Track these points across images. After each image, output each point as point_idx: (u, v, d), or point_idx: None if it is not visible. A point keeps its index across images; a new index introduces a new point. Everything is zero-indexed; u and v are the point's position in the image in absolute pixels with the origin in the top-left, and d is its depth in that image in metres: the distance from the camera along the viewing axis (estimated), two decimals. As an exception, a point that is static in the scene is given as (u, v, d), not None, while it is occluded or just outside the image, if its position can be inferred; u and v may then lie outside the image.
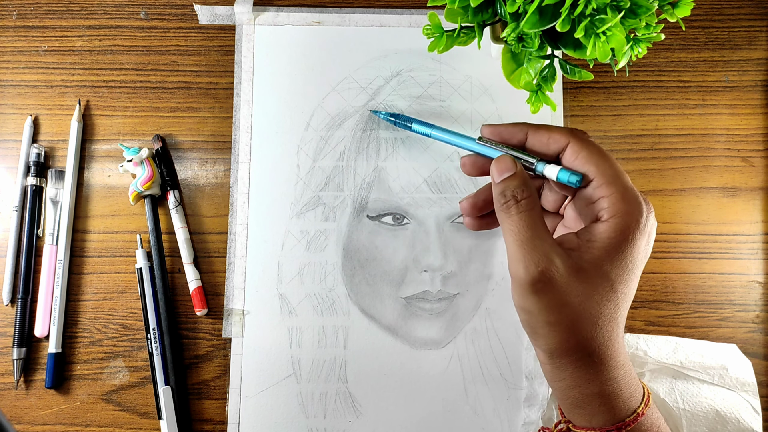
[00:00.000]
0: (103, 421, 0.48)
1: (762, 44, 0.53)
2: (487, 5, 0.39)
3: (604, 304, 0.34)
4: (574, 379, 0.36)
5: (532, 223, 0.35)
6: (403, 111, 0.51)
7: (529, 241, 0.35)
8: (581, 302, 0.34)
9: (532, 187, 0.37)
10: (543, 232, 0.35)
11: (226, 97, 0.52)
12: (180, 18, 0.53)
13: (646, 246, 0.36)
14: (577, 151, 0.37)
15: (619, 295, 0.35)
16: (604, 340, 0.35)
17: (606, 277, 0.34)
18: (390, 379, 0.48)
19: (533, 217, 0.36)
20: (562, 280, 0.34)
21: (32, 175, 0.50)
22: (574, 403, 0.37)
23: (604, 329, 0.35)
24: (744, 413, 0.45)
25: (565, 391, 0.37)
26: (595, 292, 0.34)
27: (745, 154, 0.52)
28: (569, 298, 0.34)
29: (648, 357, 0.46)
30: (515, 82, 0.43)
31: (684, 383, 0.46)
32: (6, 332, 0.49)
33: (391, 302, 0.49)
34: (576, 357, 0.35)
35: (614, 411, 0.35)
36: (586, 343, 0.35)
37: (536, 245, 0.34)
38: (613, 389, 0.35)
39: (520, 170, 0.37)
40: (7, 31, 0.53)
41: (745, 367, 0.46)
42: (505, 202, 0.37)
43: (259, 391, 0.48)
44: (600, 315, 0.34)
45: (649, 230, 0.35)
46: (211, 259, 0.50)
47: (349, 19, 0.53)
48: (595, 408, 0.36)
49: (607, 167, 0.36)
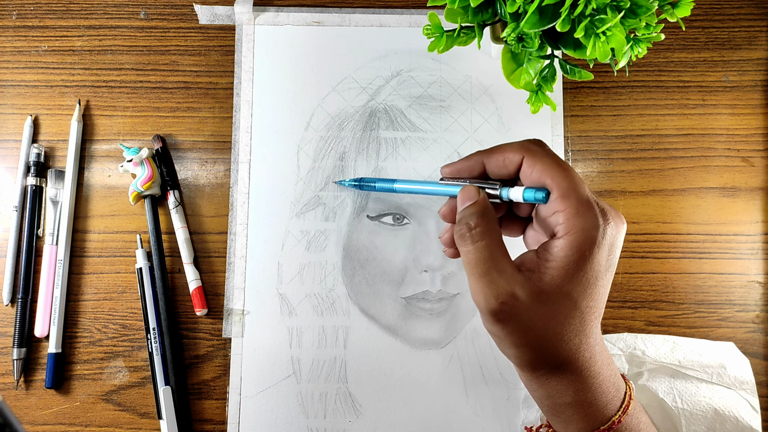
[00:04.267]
0: (103, 421, 0.48)
1: (762, 44, 0.53)
2: (487, 5, 0.39)
3: (569, 322, 0.34)
4: (547, 390, 0.36)
5: (488, 254, 0.35)
6: (403, 111, 0.51)
7: (486, 274, 0.34)
8: (545, 324, 0.34)
9: (489, 215, 0.36)
10: (501, 262, 0.35)
11: (226, 97, 0.52)
12: (180, 18, 0.53)
13: (609, 257, 0.35)
14: (531, 165, 0.36)
15: (583, 310, 0.34)
16: (573, 353, 0.35)
17: (567, 296, 0.34)
18: (390, 379, 0.48)
19: (490, 247, 0.35)
20: (524, 308, 0.34)
21: (32, 175, 0.50)
22: (549, 411, 0.38)
23: (571, 344, 0.35)
24: (742, 411, 0.45)
25: (540, 400, 0.37)
26: (558, 311, 0.34)
27: (745, 154, 0.52)
28: (533, 322, 0.34)
29: (646, 356, 0.46)
30: (515, 82, 0.43)
31: (682, 382, 0.46)
32: (6, 332, 0.49)
33: (391, 302, 0.49)
34: (545, 371, 0.36)
35: (589, 419, 0.36)
36: (553, 359, 0.35)
37: (493, 279, 0.34)
38: (587, 398, 0.36)
39: (481, 198, 0.37)
40: (7, 31, 0.53)
41: (743, 365, 0.46)
42: (460, 230, 0.36)
43: (259, 391, 0.48)
44: (565, 332, 0.34)
45: (610, 242, 0.35)
46: (211, 259, 0.50)
47: (349, 19, 0.53)
48: (570, 416, 0.36)
49: (562, 179, 0.35)
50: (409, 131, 0.51)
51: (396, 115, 0.51)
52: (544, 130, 0.52)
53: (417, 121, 0.51)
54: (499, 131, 0.51)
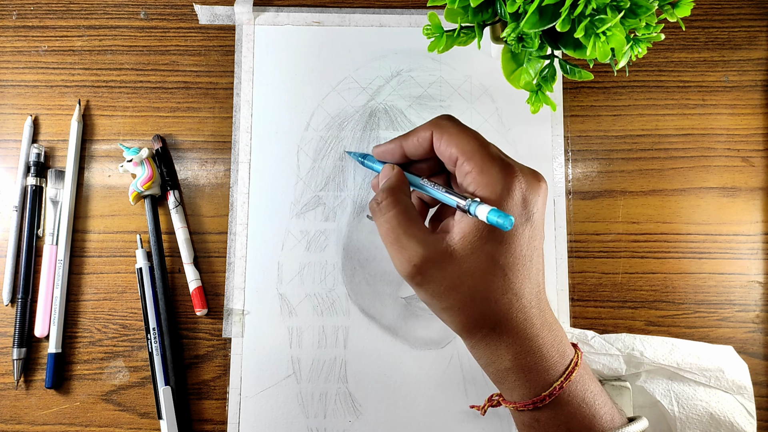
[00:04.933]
0: (103, 421, 0.48)
1: (762, 44, 0.53)
2: (487, 5, 0.39)
3: (492, 280, 0.34)
4: (488, 356, 0.36)
5: (396, 223, 0.36)
6: (403, 111, 0.51)
7: (397, 241, 0.36)
8: (468, 283, 0.34)
9: (397, 188, 0.38)
10: (410, 228, 0.36)
11: (226, 97, 0.52)
12: (180, 18, 0.53)
13: (524, 210, 0.35)
14: (439, 138, 0.38)
15: (504, 266, 0.34)
16: (504, 313, 0.35)
17: (480, 251, 0.34)
18: (390, 379, 0.48)
19: (397, 216, 0.36)
20: (438, 267, 0.34)
21: (32, 175, 0.50)
22: (494, 378, 0.37)
23: (500, 303, 0.35)
24: (738, 417, 0.45)
25: (485, 368, 0.37)
26: (478, 269, 0.34)
27: (745, 154, 0.52)
28: (453, 282, 0.34)
29: (644, 357, 0.46)
30: (515, 82, 0.43)
31: (680, 385, 0.46)
32: (6, 332, 0.49)
33: (391, 302, 0.49)
34: (482, 334, 0.36)
35: (530, 385, 0.35)
36: (485, 320, 0.35)
37: (404, 244, 0.35)
38: (527, 363, 0.35)
39: (393, 175, 0.39)
40: (7, 31, 0.53)
41: (741, 369, 0.46)
42: (371, 205, 0.38)
43: (259, 391, 0.48)
44: (491, 291, 0.34)
45: (521, 196, 0.35)
46: (211, 259, 0.50)
47: (349, 19, 0.53)
48: (512, 383, 0.36)
49: (466, 143, 0.36)
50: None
51: (396, 115, 0.51)
52: (544, 130, 0.52)
53: (417, 121, 0.51)
54: (499, 131, 0.51)
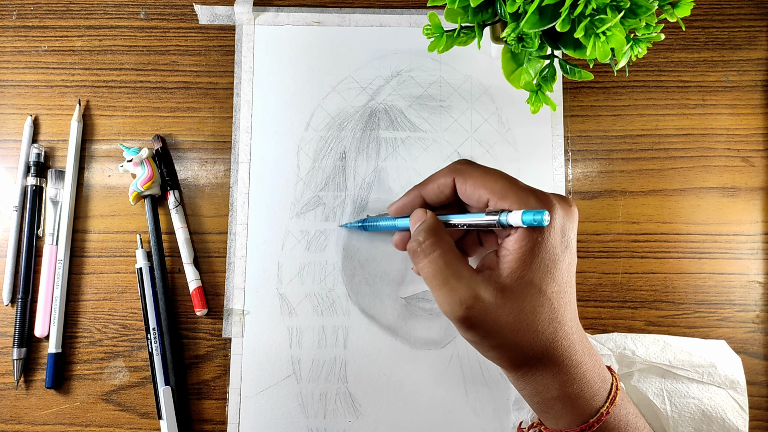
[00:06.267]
0: (103, 421, 0.48)
1: (762, 44, 0.53)
2: (487, 5, 0.39)
3: (538, 310, 0.34)
4: (534, 387, 0.37)
5: (443, 264, 0.35)
6: (403, 111, 0.51)
7: (446, 284, 0.35)
8: (515, 318, 0.34)
9: (437, 229, 0.37)
10: (457, 268, 0.35)
11: (226, 97, 0.52)
12: (180, 18, 0.53)
13: (563, 238, 0.35)
14: (463, 182, 0.38)
15: (550, 296, 0.35)
16: (549, 343, 0.35)
17: (530, 284, 0.34)
18: (390, 379, 0.48)
19: (443, 256, 0.36)
20: (491, 306, 0.34)
21: (32, 175, 0.50)
22: (539, 408, 0.38)
23: (546, 333, 0.35)
24: (729, 412, 0.45)
25: (530, 398, 0.38)
26: (525, 302, 0.34)
27: (745, 154, 0.52)
28: (502, 319, 0.34)
29: (636, 356, 0.46)
30: (515, 82, 0.43)
31: (673, 383, 0.46)
32: (6, 332, 0.49)
33: (391, 302, 0.49)
34: (528, 366, 0.36)
35: (577, 412, 0.36)
36: (532, 352, 0.35)
37: (453, 286, 0.35)
38: (573, 391, 0.36)
39: (428, 217, 0.38)
40: (7, 31, 0.53)
41: (734, 363, 0.46)
42: (411, 247, 0.37)
43: (259, 391, 0.48)
44: (537, 322, 0.34)
45: (560, 224, 0.35)
46: (211, 259, 0.50)
47: (349, 19, 0.53)
48: (559, 411, 0.36)
49: (494, 183, 0.36)
50: (409, 131, 0.51)
51: (396, 115, 0.51)
52: (544, 130, 0.52)
53: (417, 121, 0.51)
54: (499, 131, 0.51)
